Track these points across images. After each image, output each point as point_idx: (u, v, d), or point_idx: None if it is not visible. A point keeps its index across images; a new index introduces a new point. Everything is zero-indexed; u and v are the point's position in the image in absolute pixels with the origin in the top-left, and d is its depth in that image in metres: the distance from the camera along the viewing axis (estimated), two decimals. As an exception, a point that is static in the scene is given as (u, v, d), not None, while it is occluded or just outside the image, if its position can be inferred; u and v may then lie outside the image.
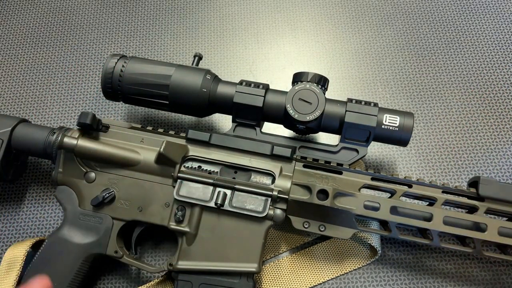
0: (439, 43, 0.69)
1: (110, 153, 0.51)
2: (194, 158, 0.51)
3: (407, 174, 0.60)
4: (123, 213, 0.51)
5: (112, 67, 0.52)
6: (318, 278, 0.55)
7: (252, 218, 0.49)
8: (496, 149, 0.62)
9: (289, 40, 0.70)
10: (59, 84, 0.68)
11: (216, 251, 0.48)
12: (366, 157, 0.61)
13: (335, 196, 0.48)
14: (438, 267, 0.55)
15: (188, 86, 0.51)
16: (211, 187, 0.49)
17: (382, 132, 0.49)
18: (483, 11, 0.71)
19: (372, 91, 0.66)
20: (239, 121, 0.52)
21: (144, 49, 0.70)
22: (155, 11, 0.73)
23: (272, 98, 0.50)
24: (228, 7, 0.73)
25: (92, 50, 0.70)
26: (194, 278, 0.48)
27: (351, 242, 0.56)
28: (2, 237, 0.58)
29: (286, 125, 0.52)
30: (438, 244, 0.48)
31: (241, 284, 0.47)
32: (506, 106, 0.65)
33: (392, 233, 0.49)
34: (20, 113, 0.66)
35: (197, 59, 0.55)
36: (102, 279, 0.55)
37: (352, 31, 0.71)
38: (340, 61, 0.69)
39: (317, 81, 0.50)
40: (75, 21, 0.73)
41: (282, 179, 0.50)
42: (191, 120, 0.65)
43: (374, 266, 0.55)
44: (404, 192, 0.49)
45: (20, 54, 0.70)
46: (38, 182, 0.61)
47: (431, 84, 0.66)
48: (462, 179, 0.60)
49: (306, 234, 0.57)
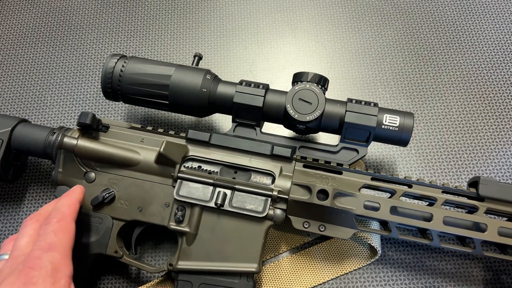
0: (439, 43, 0.69)
1: (110, 153, 0.51)
2: (194, 158, 0.51)
3: (407, 174, 0.60)
4: (123, 213, 0.51)
5: (112, 67, 0.52)
6: (318, 278, 0.55)
7: (252, 218, 0.49)
8: (496, 149, 0.62)
9: (289, 40, 0.70)
10: (59, 84, 0.68)
11: (216, 251, 0.48)
12: (366, 157, 0.61)
13: (335, 196, 0.48)
14: (438, 267, 0.55)
15: (188, 86, 0.51)
16: (211, 187, 0.49)
17: (382, 132, 0.49)
18: (483, 11, 0.71)
19: (372, 91, 0.66)
20: (239, 121, 0.52)
21: (144, 49, 0.70)
22: (155, 11, 0.73)
23: (272, 98, 0.50)
24: (228, 7, 0.73)
25: (92, 50, 0.70)
26: (194, 278, 0.48)
27: (351, 242, 0.56)
28: (2, 237, 0.58)
29: (286, 125, 0.52)
30: (438, 244, 0.48)
31: (241, 284, 0.47)
32: (506, 106, 0.65)
33: (392, 233, 0.49)
34: (20, 113, 0.66)
35: (197, 59, 0.55)
36: (102, 279, 0.55)
37: (352, 31, 0.71)
38: (340, 61, 0.69)
39: (317, 81, 0.50)
40: (75, 21, 0.73)
41: (282, 179, 0.50)
42: (191, 120, 0.65)
43: (374, 266, 0.55)
44: (404, 192, 0.49)
45: (20, 54, 0.70)
46: (38, 182, 0.61)
47: (431, 84, 0.66)
48: (462, 179, 0.60)
49: (306, 234, 0.57)
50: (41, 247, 0.40)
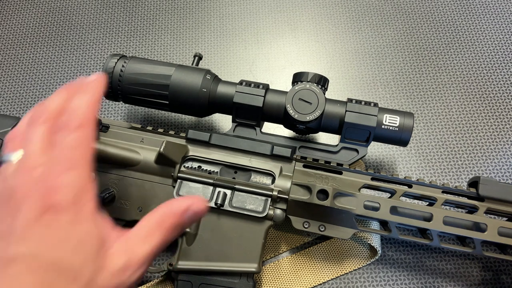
0: (439, 43, 0.69)
1: (110, 153, 0.51)
2: (194, 158, 0.51)
3: (407, 174, 0.60)
4: (123, 213, 0.51)
5: (112, 67, 0.52)
6: (318, 278, 0.55)
7: (252, 218, 0.49)
8: (496, 149, 0.62)
9: (289, 40, 0.70)
10: (59, 84, 0.68)
11: (216, 251, 0.48)
12: (366, 157, 0.61)
13: (335, 196, 0.48)
14: (438, 267, 0.55)
15: (188, 86, 0.51)
16: (211, 187, 0.49)
17: (382, 132, 0.49)
18: (483, 11, 0.71)
19: (372, 91, 0.66)
20: (239, 121, 0.52)
21: (144, 49, 0.70)
22: (155, 11, 0.73)
23: (272, 98, 0.50)
24: (228, 7, 0.73)
25: (92, 50, 0.70)
26: (194, 278, 0.48)
27: (351, 242, 0.56)
28: (2, 237, 0.58)
29: (286, 125, 0.52)
30: (438, 244, 0.48)
31: (241, 284, 0.47)
32: (506, 106, 0.65)
33: (392, 233, 0.49)
34: (20, 113, 0.66)
35: (197, 59, 0.55)
36: (102, 279, 0.55)
37: (352, 31, 0.71)
38: (340, 61, 0.69)
39: (317, 81, 0.50)
40: (75, 21, 0.73)
41: (282, 179, 0.50)
42: (191, 120, 0.65)
43: (374, 266, 0.55)
44: (404, 192, 0.49)
45: (20, 54, 0.70)
46: (38, 182, 0.61)
47: (431, 84, 0.66)
48: (462, 179, 0.60)
49: (306, 234, 0.57)
50: (60, 163, 0.32)
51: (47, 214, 0.30)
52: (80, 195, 0.32)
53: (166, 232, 0.34)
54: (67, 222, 0.31)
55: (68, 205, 0.31)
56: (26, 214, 0.30)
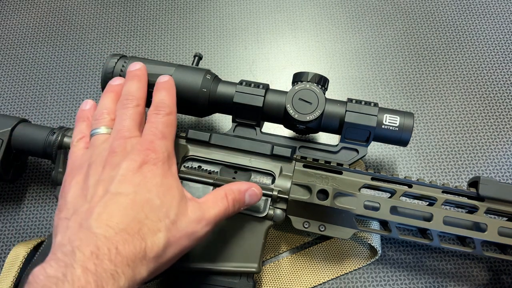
0: (439, 43, 0.69)
1: (110, 153, 0.51)
2: (194, 158, 0.51)
3: (407, 174, 0.60)
4: (123, 213, 0.51)
5: (112, 67, 0.52)
6: (318, 278, 0.55)
7: (252, 218, 0.49)
8: (496, 149, 0.62)
9: (289, 40, 0.70)
10: (59, 84, 0.68)
11: (216, 251, 0.48)
12: (366, 157, 0.61)
13: (335, 196, 0.48)
14: (438, 267, 0.55)
15: (188, 86, 0.51)
16: (211, 187, 0.49)
17: (382, 132, 0.49)
18: (483, 11, 0.72)
19: (372, 91, 0.66)
20: (239, 121, 0.52)
21: (144, 49, 0.70)
22: (155, 11, 0.73)
23: (272, 98, 0.50)
24: (228, 7, 0.73)
25: (92, 50, 0.70)
26: (194, 278, 0.48)
27: (351, 242, 0.56)
28: (2, 237, 0.58)
29: (286, 125, 0.52)
30: (438, 244, 0.48)
31: (241, 284, 0.47)
32: (506, 106, 0.65)
33: (392, 233, 0.49)
34: (20, 113, 0.66)
35: (197, 59, 0.55)
36: (102, 279, 0.55)
37: (352, 31, 0.71)
38: (340, 61, 0.69)
39: (317, 81, 0.50)
40: (75, 21, 0.73)
41: (282, 179, 0.50)
42: (191, 120, 0.65)
43: (374, 266, 0.55)
44: (404, 192, 0.49)
45: (20, 54, 0.71)
46: (38, 182, 0.61)
47: (431, 84, 0.66)
48: (462, 179, 0.60)
49: (306, 234, 0.57)
50: (155, 133, 0.41)
51: (145, 167, 0.39)
52: (170, 157, 0.42)
53: (228, 203, 0.42)
54: (160, 174, 0.39)
55: (162, 161, 0.40)
56: (129, 165, 0.38)
